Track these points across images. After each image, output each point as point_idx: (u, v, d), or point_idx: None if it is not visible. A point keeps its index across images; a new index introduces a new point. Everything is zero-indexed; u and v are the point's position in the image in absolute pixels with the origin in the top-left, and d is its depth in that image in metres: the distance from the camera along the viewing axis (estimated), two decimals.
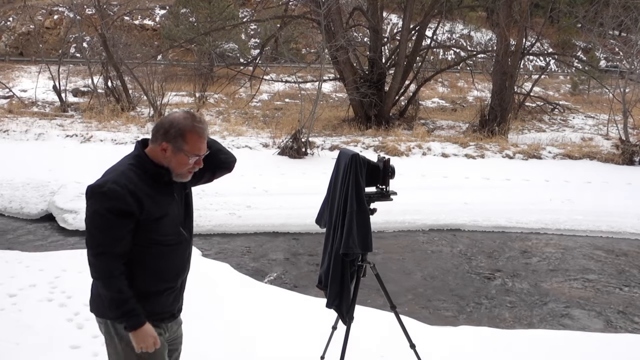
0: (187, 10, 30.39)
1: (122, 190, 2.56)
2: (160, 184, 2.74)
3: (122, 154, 2.91)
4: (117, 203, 2.56)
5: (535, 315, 6.44)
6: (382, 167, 4.00)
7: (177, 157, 2.72)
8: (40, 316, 5.34)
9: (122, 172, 2.66)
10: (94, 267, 2.62)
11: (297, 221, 9.40)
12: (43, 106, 23.36)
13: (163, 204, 2.73)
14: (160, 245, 2.75)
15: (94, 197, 2.60)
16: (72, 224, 9.37)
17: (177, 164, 2.73)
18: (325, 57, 17.80)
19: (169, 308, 2.89)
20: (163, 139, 2.70)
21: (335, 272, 3.92)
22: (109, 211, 2.56)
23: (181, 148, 2.70)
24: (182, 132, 2.69)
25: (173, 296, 2.89)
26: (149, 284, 2.75)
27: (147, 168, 2.72)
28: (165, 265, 2.80)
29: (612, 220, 10.13)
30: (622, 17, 19.38)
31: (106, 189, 2.57)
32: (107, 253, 2.58)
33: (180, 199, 2.87)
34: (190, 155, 2.73)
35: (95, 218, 2.60)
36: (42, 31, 33.30)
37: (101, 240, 2.59)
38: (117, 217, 2.57)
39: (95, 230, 2.60)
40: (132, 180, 2.63)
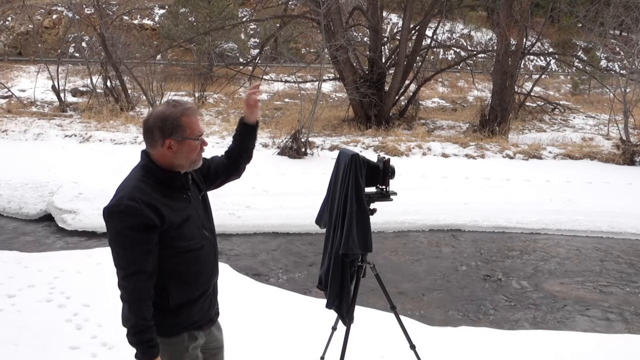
0: (186, 10, 30.36)
1: (138, 205, 2.51)
2: (173, 190, 2.70)
3: (120, 154, 2.92)
4: (137, 219, 2.51)
5: (536, 316, 6.44)
6: (382, 167, 4.00)
7: (185, 146, 2.67)
8: (39, 317, 5.34)
9: (134, 186, 2.60)
10: (125, 289, 2.56)
11: (297, 221, 9.40)
12: (42, 106, 23.34)
13: (181, 210, 2.69)
14: (187, 251, 2.70)
15: (112, 218, 2.55)
16: (70, 224, 9.38)
17: (188, 152, 2.69)
18: (325, 57, 17.78)
19: (206, 313, 2.87)
20: (163, 138, 2.65)
21: (335, 273, 3.92)
22: (131, 229, 2.51)
23: (184, 135, 2.66)
24: (176, 121, 2.64)
25: (208, 301, 2.88)
26: (185, 294, 2.73)
27: (158, 176, 2.67)
28: (196, 271, 2.77)
29: (613, 220, 10.13)
30: (623, 16, 19.37)
31: (123, 207, 2.52)
32: (137, 273, 2.54)
33: (197, 202, 2.84)
34: (195, 137, 2.69)
35: (118, 239, 2.55)
36: (40, 31, 33.26)
37: (129, 259, 2.55)
38: (140, 233, 2.52)
39: (121, 250, 2.56)
40: (146, 192, 2.58)
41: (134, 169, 2.74)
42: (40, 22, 33.82)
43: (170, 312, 2.70)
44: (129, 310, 2.55)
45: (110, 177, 11.91)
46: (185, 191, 2.76)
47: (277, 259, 8.22)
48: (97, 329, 5.10)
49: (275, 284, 7.10)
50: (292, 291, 6.67)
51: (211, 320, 2.95)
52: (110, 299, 5.76)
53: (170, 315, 2.70)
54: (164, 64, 27.11)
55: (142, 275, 2.54)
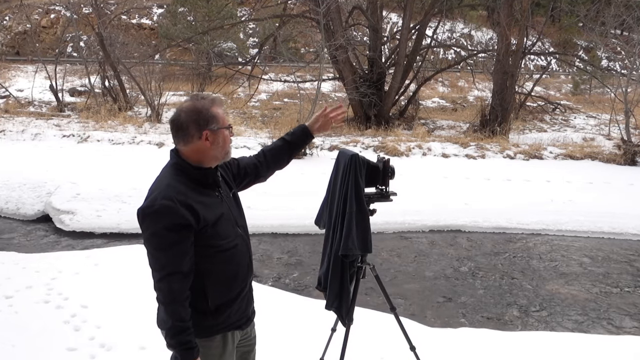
0: (184, 9, 30.36)
1: (173, 204, 2.49)
2: (206, 187, 2.70)
3: (119, 154, 2.92)
4: (172, 218, 2.49)
5: (537, 317, 6.44)
6: (382, 168, 3.99)
7: (220, 136, 2.69)
8: (37, 318, 5.33)
9: (167, 185, 2.58)
10: (160, 291, 2.54)
11: (296, 222, 9.40)
12: (40, 106, 23.36)
13: (215, 207, 2.68)
14: (222, 250, 2.69)
15: (147, 219, 2.53)
16: (68, 224, 9.38)
17: (223, 142, 2.71)
18: (324, 57, 17.79)
19: (244, 313, 2.88)
20: (199, 131, 2.65)
21: (335, 274, 3.92)
22: (167, 229, 2.49)
23: (218, 125, 2.68)
24: (209, 112, 2.66)
25: (246, 300, 2.89)
26: (223, 294, 2.73)
27: (190, 173, 2.66)
28: (233, 270, 2.76)
29: (614, 221, 10.13)
30: (624, 16, 19.37)
31: (157, 207, 2.50)
32: (174, 274, 2.52)
33: (228, 199, 2.84)
34: (226, 126, 2.73)
35: (154, 240, 2.52)
36: (38, 30, 33.27)
37: (165, 260, 2.52)
38: (176, 233, 2.50)
39: (156, 252, 2.53)
40: (180, 191, 2.56)
41: (165, 168, 2.73)
42: (38, 22, 33.83)
43: (209, 313, 2.69)
44: (166, 312, 2.54)
45: (108, 178, 11.99)
46: (217, 188, 2.76)
47: (276, 259, 8.21)
48: (96, 330, 5.10)
49: (274, 284, 7.10)
50: (291, 292, 6.67)
51: (249, 319, 2.96)
52: (109, 300, 5.78)
53: (209, 317, 2.69)
54: (162, 63, 27.13)
55: (178, 276, 2.52)
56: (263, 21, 23.99)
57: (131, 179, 11.74)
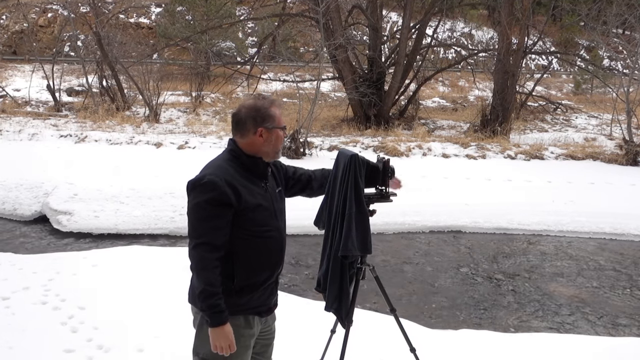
0: (183, 8, 30.37)
1: (220, 181, 2.78)
2: (254, 176, 2.98)
3: (117, 154, 2.95)
4: (216, 194, 2.77)
5: (537, 319, 6.44)
6: (382, 168, 3.99)
7: (273, 134, 3.00)
8: (34, 319, 5.33)
9: (219, 166, 2.90)
10: (193, 258, 2.80)
11: (295, 223, 9.28)
12: (37, 106, 23.35)
13: (258, 195, 2.95)
14: (257, 236, 2.94)
15: (194, 190, 2.82)
16: (66, 225, 9.37)
17: (276, 140, 3.01)
18: (323, 56, 17.79)
19: (266, 301, 3.08)
20: (255, 127, 2.95)
21: (334, 275, 3.91)
22: (209, 203, 2.77)
23: (273, 125, 2.99)
24: (267, 111, 2.97)
25: (270, 290, 3.10)
26: (249, 277, 2.94)
27: (242, 160, 2.96)
28: (264, 258, 3.00)
29: (616, 221, 10.14)
30: (626, 15, 19.37)
31: (205, 181, 2.79)
32: (206, 244, 2.77)
33: (273, 193, 3.10)
34: (281, 126, 3.03)
35: (196, 210, 2.81)
36: (35, 29, 33.24)
37: (201, 230, 2.79)
38: (216, 208, 2.78)
39: (196, 221, 2.82)
40: (229, 172, 2.86)
41: (221, 153, 3.04)
42: (35, 21, 33.80)
43: (233, 292, 2.88)
44: (197, 278, 2.80)
45: (106, 178, 11.98)
46: (264, 180, 3.04)
47: None
48: (93, 331, 5.09)
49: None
50: (290, 293, 6.66)
51: (270, 309, 3.14)
52: (106, 302, 5.77)
53: (233, 295, 2.88)
54: (160, 63, 27.09)
55: (209, 246, 2.77)
56: (262, 20, 24.02)
57: (129, 180, 11.73)
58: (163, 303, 5.64)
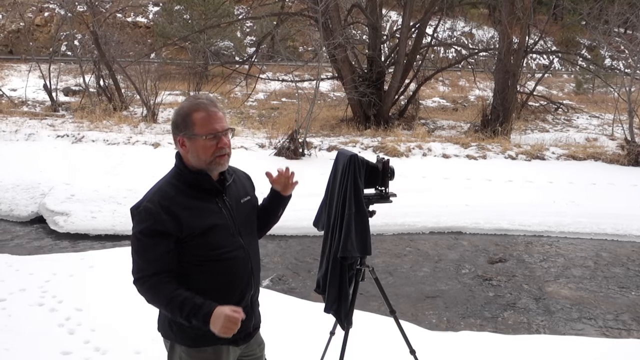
0: (181, 7, 30.34)
1: (155, 209, 2.47)
2: (203, 192, 2.61)
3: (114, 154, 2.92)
4: (151, 224, 2.47)
5: (538, 320, 6.45)
6: (382, 168, 4.00)
7: (196, 144, 2.54)
8: (31, 321, 5.33)
9: (158, 188, 2.57)
10: (140, 291, 2.56)
11: (294, 224, 9.33)
12: (33, 106, 23.33)
13: (208, 215, 2.58)
14: (213, 260, 2.59)
15: (133, 219, 2.55)
16: (62, 226, 9.37)
17: (201, 151, 2.54)
18: (323, 56, 17.78)
19: (240, 328, 2.56)
20: (177, 134, 2.58)
21: (334, 276, 3.92)
22: (142, 233, 2.49)
23: (194, 132, 2.53)
24: (187, 116, 2.54)
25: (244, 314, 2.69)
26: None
27: (186, 178, 2.59)
28: (226, 281, 2.64)
29: (618, 222, 10.14)
30: (628, 14, 19.39)
31: (141, 209, 2.51)
32: (144, 277, 2.51)
33: (235, 207, 2.71)
34: (205, 135, 2.53)
35: (133, 241, 2.55)
36: (32, 29, 33.23)
37: (139, 264, 2.53)
38: (151, 239, 2.48)
39: (134, 253, 2.55)
40: (168, 196, 2.52)
41: (170, 170, 2.68)
42: (32, 20, 33.80)
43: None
44: (157, 305, 2.55)
45: (103, 179, 11.98)
46: (217, 195, 2.65)
47: (273, 262, 8.22)
48: (90, 333, 5.10)
49: (271, 287, 7.10)
50: (290, 295, 6.67)
51: (248, 335, 2.82)
52: (104, 303, 5.77)
53: (197, 327, 2.54)
54: (158, 62, 27.06)
55: (149, 277, 2.51)
56: (260, 19, 24.03)
57: (126, 180, 11.74)
58: None
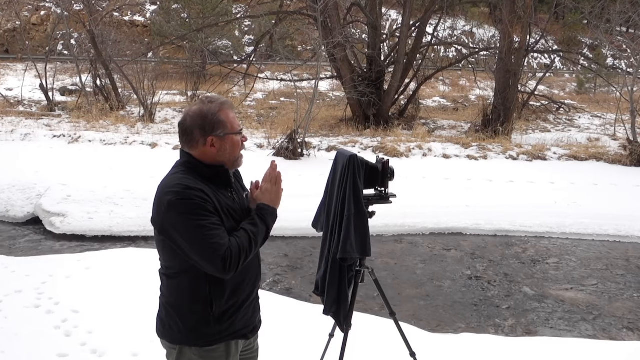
0: (178, 6, 30.33)
1: (194, 192, 2.49)
2: (219, 186, 2.67)
3: (111, 155, 2.91)
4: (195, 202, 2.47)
5: (540, 322, 6.45)
6: (381, 169, 4.00)
7: (228, 142, 2.66)
8: (27, 323, 5.33)
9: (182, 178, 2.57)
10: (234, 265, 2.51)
11: (293, 225, 9.37)
12: (29, 105, 23.31)
13: (227, 206, 2.65)
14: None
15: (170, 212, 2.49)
16: (59, 227, 9.36)
17: (232, 148, 2.68)
18: (322, 55, 17.78)
19: (250, 321, 2.83)
20: (204, 136, 2.62)
21: (333, 278, 3.92)
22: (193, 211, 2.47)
23: (225, 131, 2.65)
24: (216, 117, 2.63)
25: (252, 308, 2.84)
26: (229, 298, 2.66)
27: (201, 171, 2.63)
28: (241, 275, 2.68)
29: (620, 223, 10.15)
30: (630, 13, 19.41)
31: (181, 196, 2.48)
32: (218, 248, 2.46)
33: (241, 201, 2.80)
34: (236, 132, 2.69)
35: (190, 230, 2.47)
36: (28, 28, 33.19)
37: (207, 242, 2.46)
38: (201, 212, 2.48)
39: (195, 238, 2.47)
40: (195, 183, 2.55)
41: (173, 168, 2.70)
42: (28, 19, 33.76)
43: (212, 320, 2.64)
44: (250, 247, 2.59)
45: (100, 179, 11.98)
46: (229, 188, 2.74)
47: (272, 263, 8.22)
48: (87, 335, 5.10)
49: (270, 289, 7.10)
50: (288, 297, 6.67)
51: (255, 328, 2.90)
52: (101, 305, 5.78)
53: (213, 324, 2.64)
54: (155, 62, 27.10)
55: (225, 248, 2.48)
56: (259, 18, 24.01)
57: (123, 181, 11.73)
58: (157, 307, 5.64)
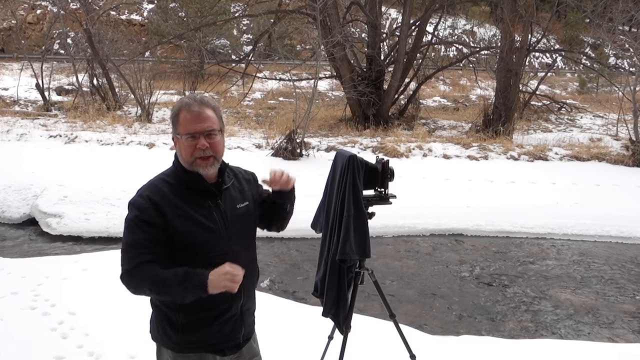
0: (176, 5, 30.38)
1: (144, 202, 2.50)
2: (196, 194, 2.59)
3: (108, 155, 2.91)
4: (139, 214, 2.49)
5: (541, 325, 6.46)
6: (381, 169, 4.01)
7: (180, 144, 2.57)
8: (23, 325, 5.33)
9: (151, 184, 2.59)
10: (129, 286, 2.52)
11: (292, 226, 9.22)
12: (25, 105, 23.30)
13: (195, 216, 2.55)
14: (199, 264, 2.49)
15: (128, 209, 2.57)
16: (55, 228, 9.36)
17: (184, 151, 2.56)
18: (321, 54, 17.79)
19: (229, 336, 2.70)
20: (172, 133, 2.65)
21: (332, 279, 3.93)
22: (129, 222, 2.52)
23: (177, 131, 2.57)
24: (175, 115, 2.58)
25: (231, 325, 2.69)
26: (193, 313, 2.58)
27: (180, 177, 2.59)
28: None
29: (622, 224, 10.16)
30: (633, 11, 19.42)
31: (132, 201, 2.55)
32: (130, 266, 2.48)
33: (229, 212, 2.66)
34: (183, 135, 2.54)
35: (124, 231, 2.56)
36: (24, 27, 33.20)
37: (126, 253, 2.51)
38: (136, 226, 2.49)
39: (122, 246, 2.54)
40: (160, 192, 2.53)
41: (168, 167, 2.70)
42: (24, 18, 33.76)
43: (181, 329, 2.60)
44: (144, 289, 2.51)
45: (96, 180, 11.97)
46: (211, 197, 2.62)
47: (271, 265, 8.22)
48: (84, 337, 5.10)
49: (269, 291, 7.10)
50: (287, 299, 6.67)
51: (237, 346, 2.76)
52: (97, 307, 5.78)
53: (182, 332, 2.60)
54: (152, 61, 27.10)
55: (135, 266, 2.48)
56: (257, 17, 24.01)
57: (120, 181, 11.72)
58: None
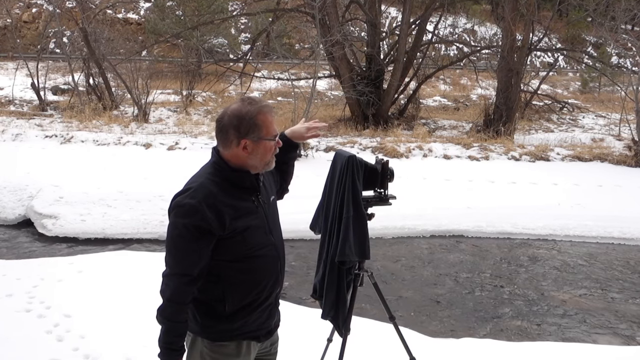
0: (173, 3, 30.33)
1: (199, 206, 2.54)
2: (242, 191, 2.71)
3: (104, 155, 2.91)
4: (197, 220, 2.54)
5: (542, 327, 6.46)
6: (381, 170, 4.01)
7: (260, 146, 2.68)
8: (18, 328, 5.33)
9: (201, 184, 2.62)
10: (167, 287, 2.64)
11: (290, 227, 9.26)
12: (21, 105, 23.29)
13: (247, 213, 2.69)
14: (249, 257, 2.71)
15: (173, 212, 2.61)
16: (51, 229, 9.36)
17: (263, 153, 2.70)
18: (320, 53, 17.80)
19: (264, 324, 2.88)
20: (238, 138, 2.65)
21: (331, 281, 3.93)
22: (186, 227, 2.56)
23: (260, 136, 2.66)
24: (253, 120, 2.65)
25: (268, 311, 2.89)
26: (242, 299, 2.73)
27: (227, 175, 2.68)
28: (257, 278, 2.77)
29: (625, 225, 10.15)
30: (635, 10, 19.45)
31: (184, 204, 2.57)
32: (184, 275, 2.60)
33: (266, 206, 2.84)
34: (271, 137, 2.71)
35: (173, 235, 2.61)
36: (19, 25, 33.17)
37: (180, 258, 2.60)
38: (195, 235, 2.56)
39: (173, 247, 2.62)
40: (212, 193, 2.60)
41: (205, 166, 2.76)
42: (19, 16, 33.74)
43: (225, 318, 2.71)
44: (165, 308, 2.65)
45: (92, 180, 11.96)
46: (254, 193, 2.76)
47: None
48: (79, 340, 5.10)
49: None
50: (285, 301, 6.66)
51: (269, 332, 2.97)
52: (93, 309, 5.77)
53: (225, 321, 2.72)
54: (149, 60, 27.07)
55: (188, 278, 2.59)
56: (255, 16, 24.00)
57: (117, 182, 11.72)
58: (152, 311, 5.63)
